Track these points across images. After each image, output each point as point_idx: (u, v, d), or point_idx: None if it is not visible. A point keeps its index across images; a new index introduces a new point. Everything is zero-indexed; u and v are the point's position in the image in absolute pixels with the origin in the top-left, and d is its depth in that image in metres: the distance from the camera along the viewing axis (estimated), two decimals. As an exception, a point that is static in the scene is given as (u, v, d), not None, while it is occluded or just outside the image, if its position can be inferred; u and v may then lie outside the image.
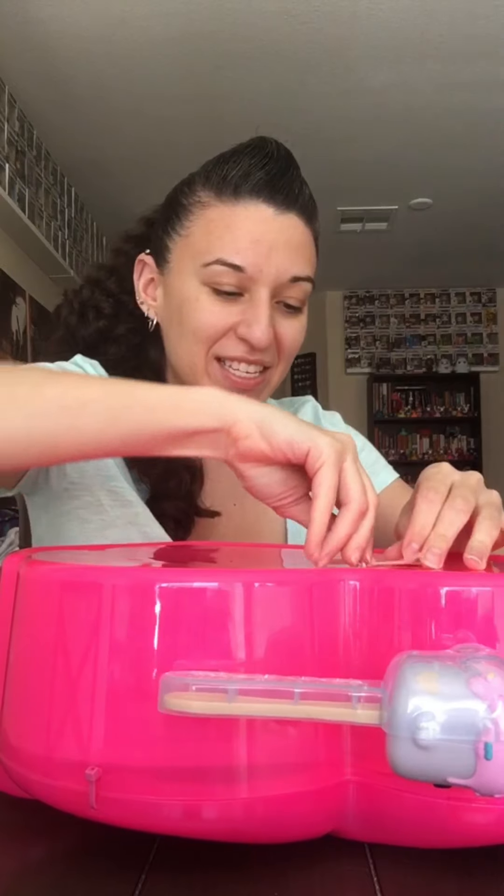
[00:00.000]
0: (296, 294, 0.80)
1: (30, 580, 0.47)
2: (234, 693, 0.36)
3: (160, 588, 0.41)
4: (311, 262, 0.82)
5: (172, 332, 0.83)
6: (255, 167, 0.78)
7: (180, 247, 0.81)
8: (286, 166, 0.80)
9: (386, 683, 0.34)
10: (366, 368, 6.15)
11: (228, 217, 0.78)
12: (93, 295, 0.91)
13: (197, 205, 0.80)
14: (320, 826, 0.43)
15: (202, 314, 0.79)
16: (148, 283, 0.86)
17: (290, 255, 0.78)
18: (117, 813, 0.41)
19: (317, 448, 0.51)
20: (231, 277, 0.77)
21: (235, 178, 0.78)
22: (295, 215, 0.79)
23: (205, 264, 0.78)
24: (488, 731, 0.30)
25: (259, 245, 0.77)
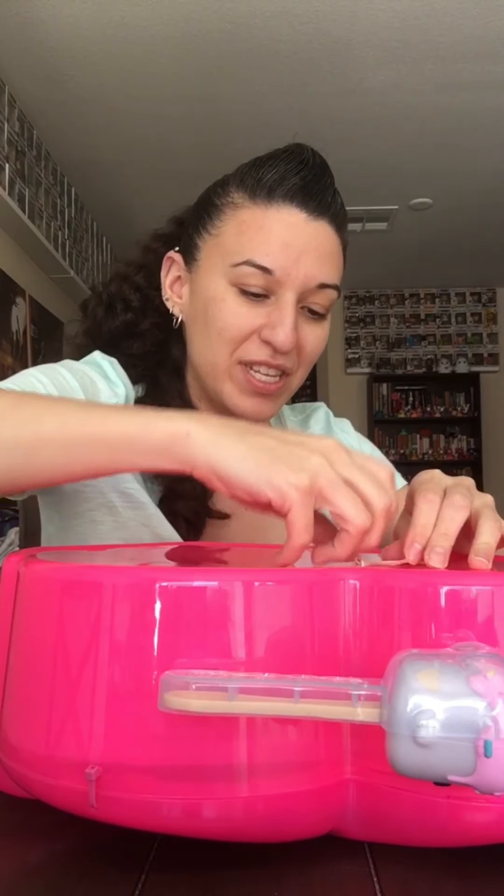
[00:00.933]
0: (321, 301, 0.81)
1: (30, 579, 0.47)
2: (234, 691, 0.36)
3: (160, 587, 0.41)
4: (338, 270, 0.83)
5: (196, 330, 0.83)
6: (291, 172, 0.79)
7: (210, 246, 0.82)
8: (321, 174, 0.81)
9: (386, 681, 0.34)
10: (366, 368, 6.15)
11: (261, 219, 0.78)
12: (121, 289, 0.91)
13: (230, 205, 0.81)
14: (320, 825, 0.43)
15: (228, 315, 0.79)
16: (175, 281, 0.86)
17: (319, 262, 0.79)
18: (117, 812, 0.41)
19: (277, 494, 0.46)
20: (259, 279, 0.78)
21: (270, 181, 0.79)
22: (326, 223, 0.80)
23: (234, 264, 0.78)
24: (488, 729, 0.30)
25: (289, 249, 0.77)
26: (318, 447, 0.49)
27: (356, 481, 0.48)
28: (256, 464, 0.48)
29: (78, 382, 0.80)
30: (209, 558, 0.65)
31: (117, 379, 0.85)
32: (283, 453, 0.48)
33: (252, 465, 0.48)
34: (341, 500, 0.47)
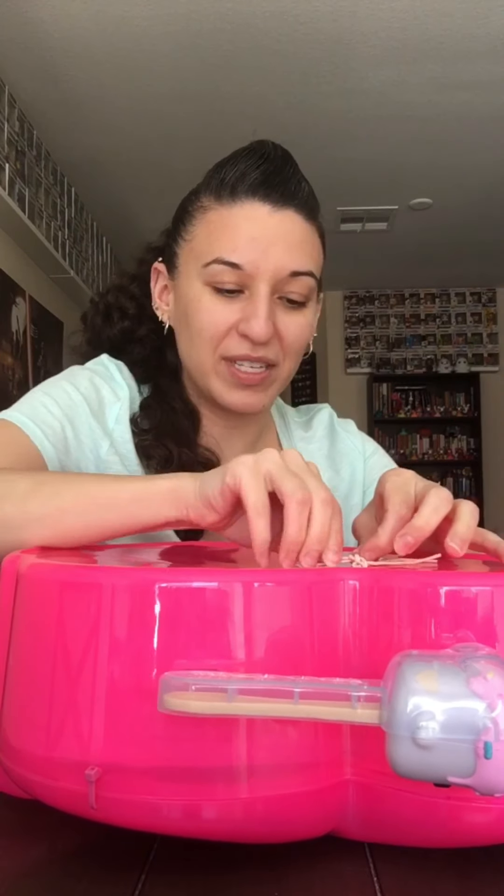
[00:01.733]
0: (297, 289, 0.81)
1: (29, 580, 0.47)
2: (234, 693, 0.36)
3: (159, 588, 0.41)
4: (312, 256, 0.83)
5: (182, 334, 0.86)
6: (251, 168, 0.80)
7: (186, 252, 0.84)
8: (282, 165, 0.82)
9: (386, 683, 0.34)
10: (366, 368, 6.15)
11: (226, 217, 0.80)
12: (117, 298, 0.95)
13: (199, 210, 0.83)
14: (320, 826, 0.43)
15: (204, 314, 0.81)
16: (162, 290, 0.89)
17: (288, 251, 0.79)
18: (117, 813, 0.41)
19: (233, 477, 0.52)
20: (230, 276, 0.79)
21: (232, 179, 0.80)
22: (293, 211, 0.80)
23: (205, 264, 0.80)
24: (488, 731, 0.30)
25: (256, 242, 0.79)
26: (273, 451, 0.54)
27: (303, 475, 0.53)
28: (220, 470, 0.55)
29: (81, 394, 0.83)
30: (211, 558, 0.65)
31: (122, 381, 0.87)
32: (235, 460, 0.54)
33: (216, 473, 0.55)
34: (284, 476, 0.52)
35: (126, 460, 0.83)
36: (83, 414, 0.82)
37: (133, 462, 0.84)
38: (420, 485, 0.59)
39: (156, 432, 0.84)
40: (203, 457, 0.86)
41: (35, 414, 0.78)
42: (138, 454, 0.84)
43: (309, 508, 0.51)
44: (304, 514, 0.51)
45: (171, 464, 0.83)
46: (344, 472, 0.99)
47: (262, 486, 0.52)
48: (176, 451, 0.83)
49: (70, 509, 0.59)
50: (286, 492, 0.51)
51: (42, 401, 0.80)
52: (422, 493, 0.57)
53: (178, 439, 0.85)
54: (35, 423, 0.77)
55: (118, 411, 0.85)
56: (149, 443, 0.84)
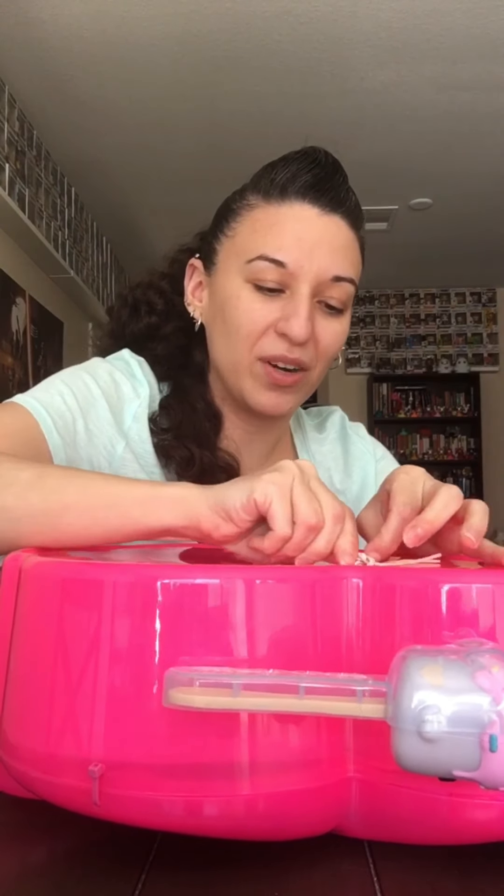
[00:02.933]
0: (337, 294, 0.81)
1: (31, 577, 0.47)
2: (239, 688, 0.35)
3: (161, 584, 0.41)
4: (354, 264, 0.83)
5: (216, 331, 0.85)
6: (303, 170, 0.81)
7: (227, 248, 0.84)
8: (333, 171, 0.82)
9: (390, 677, 0.34)
10: (366, 368, 6.15)
11: (274, 216, 0.80)
12: (146, 293, 0.94)
13: (245, 207, 0.83)
14: (323, 823, 0.43)
15: (243, 311, 0.80)
16: (196, 287, 0.88)
17: (332, 255, 0.80)
18: (119, 810, 0.40)
19: (261, 494, 0.52)
20: (273, 273, 0.79)
21: (283, 180, 0.81)
22: (340, 218, 0.81)
23: (248, 261, 0.80)
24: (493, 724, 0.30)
25: (302, 242, 0.78)
26: (284, 464, 0.54)
27: (318, 491, 0.54)
28: (241, 487, 0.54)
29: (100, 388, 0.82)
30: (231, 558, 0.65)
31: (143, 378, 0.86)
32: (263, 473, 0.54)
33: (238, 489, 0.54)
34: (303, 498, 0.52)
35: (142, 459, 0.83)
36: (101, 409, 0.81)
37: (150, 462, 0.83)
38: (429, 483, 0.59)
39: (176, 432, 0.84)
40: (223, 461, 0.85)
41: (50, 402, 0.77)
42: (157, 454, 0.83)
43: (316, 534, 0.52)
44: (308, 539, 0.52)
45: (192, 465, 0.82)
46: (356, 476, 0.99)
47: (289, 511, 0.52)
48: (198, 452, 0.83)
49: (72, 506, 0.58)
50: (300, 515, 0.52)
51: (59, 389, 0.79)
52: (431, 491, 0.57)
53: (199, 441, 0.84)
54: (47, 411, 0.76)
55: (136, 409, 0.84)
56: (168, 443, 0.83)
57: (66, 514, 0.57)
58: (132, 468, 0.82)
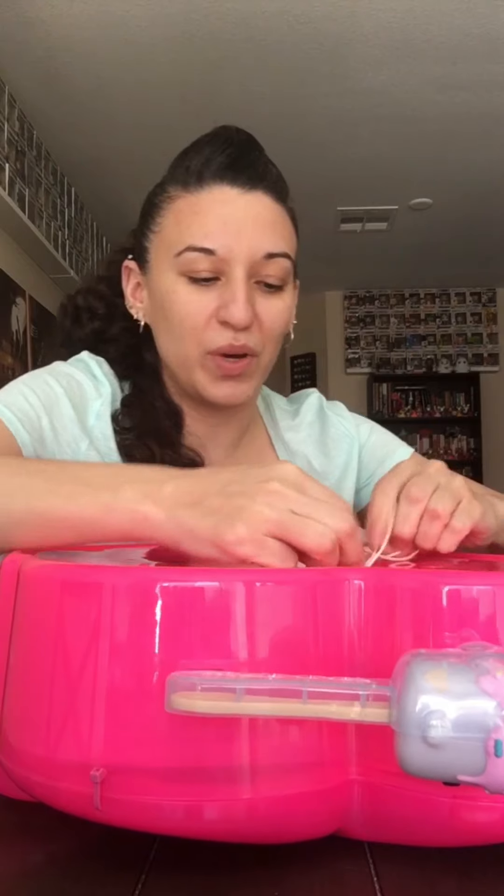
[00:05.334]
0: (273, 272, 0.79)
1: (30, 579, 0.46)
2: (242, 692, 0.35)
3: (161, 588, 0.41)
4: (286, 238, 0.81)
5: (160, 329, 0.83)
6: (216, 153, 0.79)
7: (155, 244, 0.82)
8: (247, 148, 0.81)
9: (394, 682, 0.34)
10: (366, 368, 6.15)
11: (195, 204, 0.79)
12: (86, 300, 0.93)
13: (166, 200, 0.82)
14: (325, 826, 0.43)
15: (181, 305, 0.79)
16: (135, 288, 0.87)
17: (261, 232, 0.78)
18: (120, 814, 0.40)
19: (232, 555, 0.47)
20: (204, 262, 0.77)
21: (197, 166, 0.79)
22: (262, 193, 0.79)
23: (177, 253, 0.78)
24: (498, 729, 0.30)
25: (227, 226, 0.77)
26: (262, 493, 0.48)
27: (307, 513, 0.48)
28: (205, 534, 0.48)
29: (62, 387, 0.81)
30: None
31: (104, 378, 0.85)
32: (226, 512, 0.48)
33: (202, 538, 0.48)
34: (294, 535, 0.47)
35: (107, 458, 0.82)
36: (64, 407, 0.80)
37: (114, 460, 0.82)
38: (416, 469, 0.58)
39: (137, 431, 0.83)
40: (186, 458, 0.84)
41: (12, 402, 0.76)
42: (120, 453, 0.82)
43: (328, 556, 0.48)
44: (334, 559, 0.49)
45: (154, 465, 0.81)
46: (338, 459, 0.97)
47: (280, 549, 0.47)
48: (158, 452, 0.81)
49: (21, 522, 0.55)
50: (309, 549, 0.47)
51: (21, 390, 0.78)
52: (413, 479, 0.57)
53: (160, 440, 0.83)
54: (11, 410, 0.75)
55: (99, 407, 0.83)
56: (130, 442, 0.82)
57: (17, 529, 0.55)
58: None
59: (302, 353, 6.25)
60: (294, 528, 0.47)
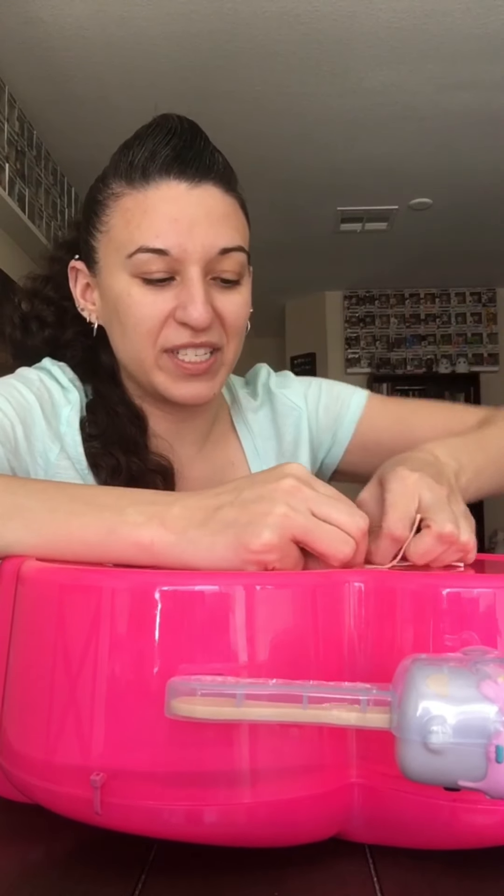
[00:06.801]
0: (229, 266, 0.77)
1: (29, 582, 0.46)
2: (242, 698, 0.35)
3: (161, 591, 0.41)
4: (239, 230, 0.78)
5: (115, 332, 0.81)
6: (160, 145, 0.76)
7: (104, 244, 0.79)
8: (192, 138, 0.77)
9: (395, 686, 0.34)
10: (366, 368, 6.14)
11: (143, 202, 0.75)
12: (33, 306, 0.90)
13: (111, 197, 0.78)
14: (325, 829, 0.43)
15: (136, 308, 0.76)
16: (85, 289, 0.84)
17: (213, 228, 0.75)
18: (121, 818, 0.40)
19: (257, 566, 0.47)
20: (157, 263, 0.74)
21: (142, 160, 0.76)
22: (211, 185, 0.76)
23: (129, 255, 0.75)
24: (499, 734, 0.30)
25: (178, 224, 0.74)
26: (280, 493, 0.48)
27: (326, 514, 0.49)
28: (226, 548, 0.47)
29: (34, 394, 0.79)
30: None
31: (69, 384, 0.83)
32: (246, 520, 0.48)
33: (222, 553, 0.48)
34: (318, 541, 0.48)
35: (78, 464, 0.80)
36: (36, 416, 0.78)
37: (84, 466, 0.80)
38: (427, 496, 0.56)
39: (103, 440, 0.80)
40: (154, 464, 0.81)
41: None
42: (87, 461, 0.80)
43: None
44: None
45: (120, 474, 0.78)
46: (288, 435, 0.94)
47: (294, 557, 0.48)
48: (124, 460, 0.79)
49: (16, 543, 0.53)
50: (331, 555, 0.48)
51: None
52: (427, 507, 0.55)
53: (126, 447, 0.80)
54: None
55: (69, 414, 0.81)
56: (96, 451, 0.80)
57: (11, 550, 0.53)
58: (67, 475, 0.79)
59: (302, 353, 6.25)
60: (317, 534, 0.48)
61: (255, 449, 0.92)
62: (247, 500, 0.49)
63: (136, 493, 0.56)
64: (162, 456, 0.83)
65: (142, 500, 0.53)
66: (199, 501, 0.51)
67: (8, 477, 0.67)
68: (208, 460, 0.89)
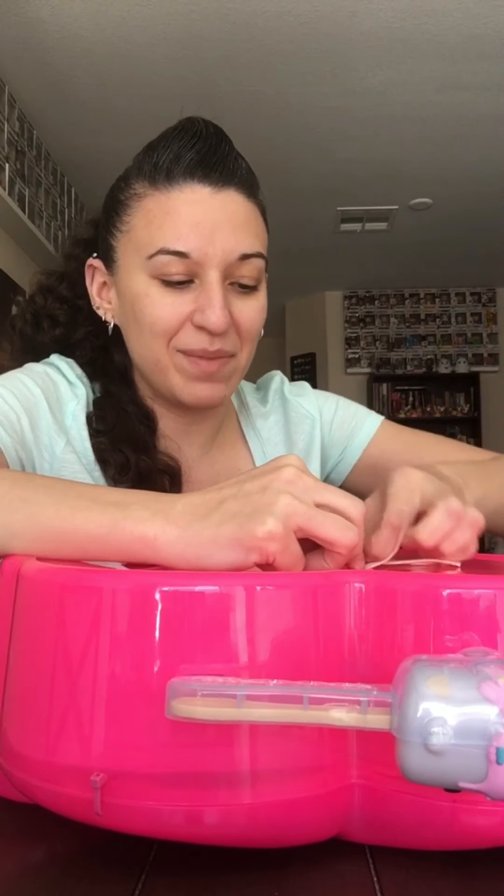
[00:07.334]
0: (248, 272, 0.77)
1: (29, 582, 0.46)
2: (243, 699, 0.35)
3: (161, 592, 0.41)
4: (259, 237, 0.79)
5: (131, 332, 0.81)
6: (185, 148, 0.76)
7: (123, 244, 0.79)
8: (217, 142, 0.77)
9: (396, 688, 0.34)
10: (366, 368, 6.15)
11: (165, 204, 0.75)
12: (46, 303, 0.90)
13: (133, 197, 0.78)
14: (325, 830, 0.43)
15: (154, 309, 0.76)
16: (101, 287, 0.84)
17: (234, 233, 0.75)
18: (121, 819, 0.40)
19: (259, 555, 0.47)
20: (178, 265, 0.75)
21: (167, 162, 0.76)
22: (234, 190, 0.76)
23: (149, 256, 0.75)
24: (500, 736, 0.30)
25: (200, 227, 0.74)
26: (281, 482, 0.48)
27: (328, 501, 0.49)
28: (229, 538, 0.47)
29: (40, 388, 0.79)
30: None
31: (76, 380, 0.84)
32: (250, 510, 0.47)
33: (225, 542, 0.47)
34: (322, 528, 0.48)
35: (84, 458, 0.80)
36: (42, 409, 0.79)
37: (91, 460, 0.80)
38: (430, 489, 0.56)
39: (111, 436, 0.80)
40: (162, 463, 0.82)
41: None
42: (95, 457, 0.80)
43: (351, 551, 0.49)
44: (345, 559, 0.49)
45: (128, 471, 0.78)
46: (300, 443, 0.94)
47: (298, 558, 0.48)
48: (133, 457, 0.79)
49: (21, 534, 0.53)
50: (334, 541, 0.48)
51: (0, 393, 0.77)
52: (430, 499, 0.56)
53: (135, 445, 0.80)
54: None
55: (75, 408, 0.81)
56: (104, 447, 0.80)
57: (14, 541, 0.53)
58: (73, 469, 0.79)
59: (302, 353, 6.25)
60: (320, 520, 0.47)
61: (264, 455, 0.92)
62: (250, 492, 0.49)
63: (141, 492, 0.56)
64: (170, 456, 0.83)
65: (146, 498, 0.53)
66: (202, 497, 0.51)
67: (14, 472, 0.67)
68: (214, 464, 0.89)
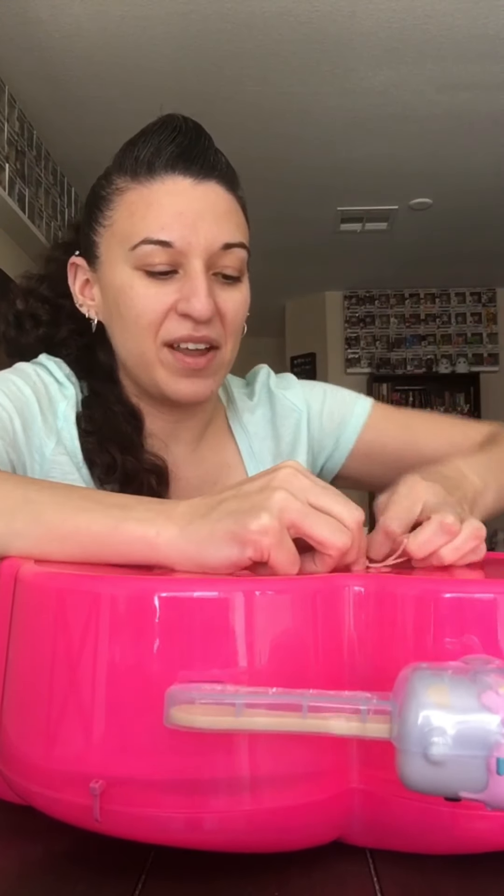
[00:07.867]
0: (231, 262, 0.78)
1: (27, 586, 0.46)
2: (242, 707, 0.35)
3: (159, 598, 0.40)
4: (240, 227, 0.79)
5: (116, 326, 0.81)
6: (165, 142, 0.77)
7: (106, 238, 0.79)
8: (197, 136, 0.78)
9: (395, 696, 0.34)
10: (366, 368, 6.14)
11: (147, 195, 0.76)
12: (28, 304, 0.90)
13: (115, 192, 0.79)
14: (326, 835, 0.43)
15: (138, 300, 0.76)
16: (84, 285, 0.84)
17: (217, 223, 0.76)
18: (120, 826, 0.40)
19: (254, 549, 0.47)
20: (161, 255, 0.75)
21: (147, 156, 0.77)
22: (215, 183, 0.77)
23: (132, 247, 0.76)
24: (500, 746, 0.30)
25: (183, 217, 0.75)
26: (278, 481, 0.49)
27: (323, 504, 0.49)
28: (225, 533, 0.48)
29: (31, 389, 0.79)
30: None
31: (65, 379, 0.84)
32: (247, 507, 0.48)
33: (221, 537, 0.48)
34: (314, 526, 0.48)
35: (75, 458, 0.80)
36: (33, 410, 0.79)
37: (80, 461, 0.80)
38: (432, 501, 0.56)
39: (98, 436, 0.80)
40: (149, 463, 0.82)
41: None
42: (84, 457, 0.80)
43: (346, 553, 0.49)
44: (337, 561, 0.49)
45: (115, 471, 0.79)
46: (286, 437, 0.94)
47: (293, 556, 0.47)
48: (120, 458, 0.79)
49: (23, 534, 0.53)
50: (327, 543, 0.48)
51: None
52: (430, 511, 0.55)
53: (122, 445, 0.80)
54: None
55: (65, 409, 0.81)
56: (92, 447, 0.80)
57: (16, 541, 0.53)
58: (64, 469, 0.79)
59: (302, 353, 6.25)
60: (313, 520, 0.48)
61: (251, 450, 0.92)
62: (248, 492, 0.50)
63: (143, 498, 0.57)
64: (157, 456, 0.83)
65: (149, 501, 0.54)
66: (203, 499, 0.52)
67: (18, 476, 0.68)
68: (202, 461, 0.89)
